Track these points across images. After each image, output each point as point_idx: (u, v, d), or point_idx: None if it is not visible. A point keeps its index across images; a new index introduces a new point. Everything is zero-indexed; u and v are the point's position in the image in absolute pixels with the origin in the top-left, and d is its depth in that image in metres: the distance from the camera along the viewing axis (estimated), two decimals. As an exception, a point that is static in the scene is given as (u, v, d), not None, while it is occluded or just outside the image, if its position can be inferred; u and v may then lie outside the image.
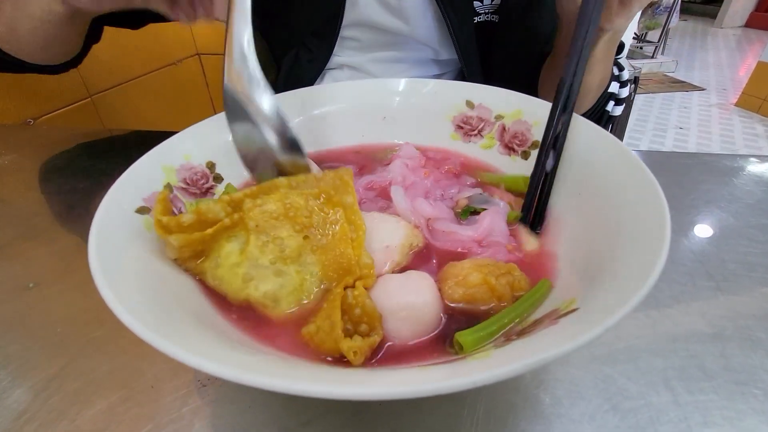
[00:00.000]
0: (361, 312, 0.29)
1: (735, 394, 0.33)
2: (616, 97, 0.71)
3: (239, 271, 0.31)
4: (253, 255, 0.32)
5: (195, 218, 0.32)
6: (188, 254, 0.33)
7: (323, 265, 0.32)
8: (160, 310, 0.27)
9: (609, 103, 0.71)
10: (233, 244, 0.33)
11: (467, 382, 0.19)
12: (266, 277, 0.31)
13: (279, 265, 0.31)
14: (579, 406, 0.32)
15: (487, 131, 0.51)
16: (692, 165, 0.63)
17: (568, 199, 0.39)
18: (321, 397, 0.19)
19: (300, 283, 0.32)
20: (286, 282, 0.31)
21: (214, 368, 0.20)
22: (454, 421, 0.31)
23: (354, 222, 0.34)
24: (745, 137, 2.94)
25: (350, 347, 0.27)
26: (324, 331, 0.28)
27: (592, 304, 0.26)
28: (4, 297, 0.43)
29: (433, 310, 0.31)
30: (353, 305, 0.30)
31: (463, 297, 0.32)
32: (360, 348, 0.27)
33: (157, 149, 0.41)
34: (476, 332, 0.29)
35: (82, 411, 0.32)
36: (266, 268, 0.31)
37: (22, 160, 0.69)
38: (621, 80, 0.71)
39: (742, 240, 0.48)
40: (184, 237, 0.31)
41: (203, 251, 0.33)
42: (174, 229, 0.32)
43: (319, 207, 0.34)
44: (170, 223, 0.31)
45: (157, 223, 0.32)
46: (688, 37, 5.18)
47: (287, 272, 0.31)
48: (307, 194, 0.34)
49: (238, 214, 0.33)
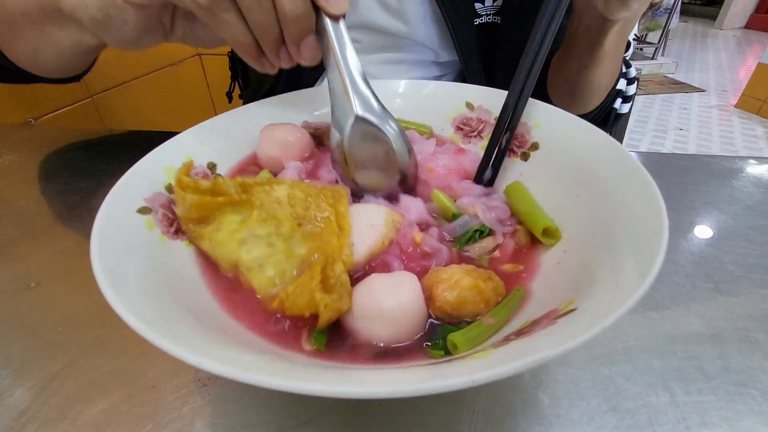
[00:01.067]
0: (336, 283, 0.32)
1: (733, 395, 0.33)
2: (623, 95, 0.70)
3: (236, 236, 0.35)
4: (251, 225, 0.36)
5: (211, 186, 0.36)
6: (195, 215, 0.36)
7: (309, 248, 0.35)
8: (162, 310, 0.27)
9: (616, 101, 0.70)
10: (236, 216, 0.37)
11: (467, 381, 0.19)
12: (258, 244, 0.35)
13: (272, 238, 0.35)
14: (578, 407, 0.33)
15: (487, 132, 0.51)
16: (691, 166, 0.64)
17: (566, 201, 0.40)
18: (322, 396, 0.19)
19: (285, 257, 0.34)
20: (274, 252, 0.34)
21: (215, 367, 0.20)
22: (452, 422, 0.32)
23: (342, 225, 0.37)
24: (745, 139, 2.94)
25: (323, 299, 0.30)
26: (302, 285, 0.31)
27: (591, 304, 0.26)
28: (5, 296, 0.43)
29: (419, 309, 0.32)
30: (331, 276, 0.32)
31: (456, 299, 0.32)
32: (330, 305, 0.30)
33: (158, 150, 0.41)
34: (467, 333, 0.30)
35: (83, 410, 0.33)
36: (260, 238, 0.35)
37: (23, 159, 0.69)
38: (628, 77, 0.70)
39: (741, 241, 0.49)
40: (198, 197, 0.35)
41: (208, 218, 0.37)
42: (190, 189, 0.36)
43: (316, 204, 0.38)
44: (189, 183, 0.36)
45: (177, 181, 0.36)
46: (688, 39, 5.19)
47: (277, 245, 0.35)
48: (307, 191, 0.38)
49: (246, 195, 0.37)
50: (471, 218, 0.40)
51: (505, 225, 0.40)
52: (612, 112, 0.71)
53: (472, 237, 0.39)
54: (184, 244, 0.37)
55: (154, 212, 0.36)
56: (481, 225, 0.39)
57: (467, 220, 0.39)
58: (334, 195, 0.39)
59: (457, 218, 0.40)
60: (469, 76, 0.72)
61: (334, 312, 0.30)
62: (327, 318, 0.30)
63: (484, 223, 0.39)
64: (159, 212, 0.37)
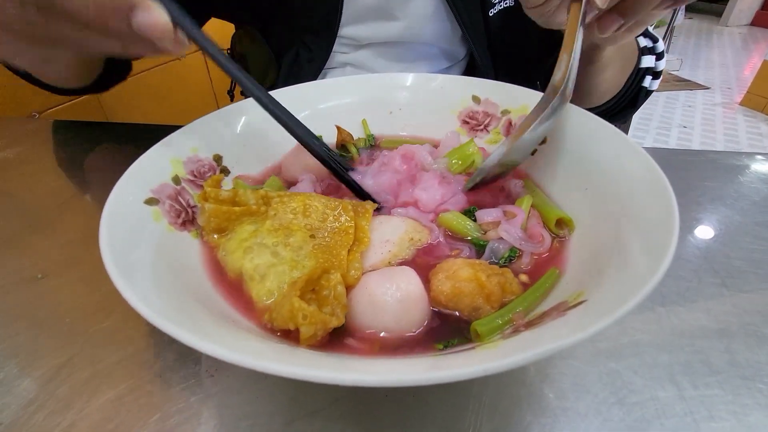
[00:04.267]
0: (329, 295, 0.31)
1: (740, 388, 0.33)
2: (653, 71, 0.65)
3: (244, 244, 0.36)
4: (261, 234, 0.36)
5: (231, 196, 0.37)
6: (214, 225, 0.37)
7: (317, 261, 0.34)
8: (171, 300, 0.27)
9: (646, 78, 0.65)
10: (251, 226, 0.37)
11: (478, 370, 0.19)
12: (263, 253, 0.35)
13: (279, 248, 0.35)
14: (584, 400, 0.32)
15: (493, 126, 0.51)
16: (697, 162, 0.63)
17: (574, 194, 0.39)
18: (332, 383, 0.19)
19: (290, 268, 0.34)
20: (278, 262, 0.34)
21: (225, 354, 0.20)
22: (459, 414, 0.32)
23: (361, 239, 0.37)
24: (749, 137, 2.92)
25: (301, 308, 0.27)
26: (286, 295, 0.30)
27: (600, 296, 0.26)
28: (13, 288, 0.43)
29: (414, 299, 0.31)
30: (324, 286, 0.31)
31: (451, 290, 0.31)
32: (312, 315, 0.27)
33: (164, 141, 0.41)
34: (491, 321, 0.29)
35: (90, 400, 0.33)
36: (267, 247, 0.35)
37: (27, 153, 0.69)
38: (656, 52, 0.64)
39: (748, 237, 0.48)
40: (215, 206, 0.36)
41: (226, 228, 0.38)
42: (211, 199, 0.37)
43: (334, 216, 0.38)
44: (211, 193, 0.37)
45: (201, 193, 0.38)
46: (693, 36, 5.15)
47: (283, 255, 0.35)
48: (327, 204, 0.38)
49: (265, 207, 0.38)
50: (498, 243, 0.37)
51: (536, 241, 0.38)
52: (642, 91, 0.66)
53: (507, 260, 0.37)
54: (191, 235, 0.37)
55: (161, 203, 0.36)
56: (511, 249, 0.37)
57: (495, 246, 0.37)
58: (356, 209, 0.39)
59: (485, 247, 0.38)
60: (482, 64, 0.71)
61: (319, 325, 0.27)
62: (309, 333, 0.27)
63: (513, 245, 0.37)
64: (166, 203, 0.37)
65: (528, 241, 0.37)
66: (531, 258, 0.37)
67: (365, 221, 0.38)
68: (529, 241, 0.37)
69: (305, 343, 0.27)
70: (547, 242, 0.37)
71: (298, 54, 0.74)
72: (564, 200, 0.39)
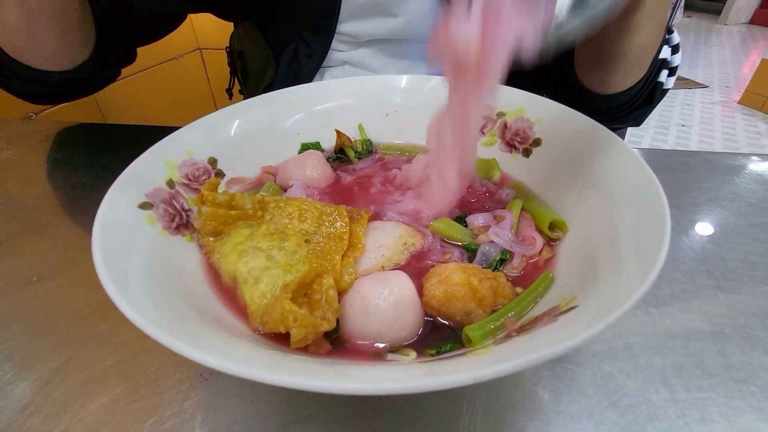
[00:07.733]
0: (321, 299, 0.30)
1: (733, 391, 0.33)
2: (668, 65, 0.58)
3: (239, 248, 0.36)
4: (256, 238, 0.36)
5: (228, 199, 0.37)
6: (210, 228, 0.37)
7: (310, 265, 0.34)
8: (165, 306, 0.27)
9: (661, 73, 0.59)
10: (247, 230, 0.37)
11: (469, 378, 0.19)
12: (257, 256, 0.35)
13: (274, 251, 0.35)
14: (578, 403, 0.33)
15: (489, 128, 0.51)
16: (694, 163, 0.63)
17: (567, 197, 0.40)
18: (325, 392, 0.19)
19: (284, 272, 0.34)
20: (272, 266, 0.34)
21: (218, 363, 0.20)
22: (453, 417, 0.32)
23: (355, 245, 0.37)
24: (747, 135, 2.92)
25: (292, 311, 0.27)
26: (278, 297, 0.30)
27: (592, 301, 0.26)
28: (8, 291, 0.43)
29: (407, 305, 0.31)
30: (316, 290, 0.31)
31: (444, 294, 0.31)
32: (303, 318, 0.27)
33: (159, 145, 0.41)
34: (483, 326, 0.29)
35: (85, 404, 0.33)
36: (261, 251, 0.35)
37: (23, 154, 0.69)
38: (671, 44, 0.58)
39: (743, 239, 0.49)
40: (212, 210, 0.36)
41: (222, 231, 0.38)
42: (208, 202, 0.37)
43: (330, 222, 0.38)
44: (207, 196, 0.37)
45: (198, 196, 0.38)
46: (692, 34, 5.14)
47: (277, 259, 0.35)
48: (322, 210, 0.39)
49: (261, 211, 0.38)
50: (489, 246, 0.38)
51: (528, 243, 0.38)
52: (657, 87, 0.59)
53: (498, 263, 0.37)
54: (185, 239, 0.37)
55: (155, 207, 0.36)
56: (502, 252, 0.37)
57: (486, 249, 0.37)
58: (352, 215, 0.39)
59: (476, 251, 0.38)
60: None
61: (309, 329, 0.27)
62: (300, 336, 0.27)
63: (504, 248, 0.37)
64: (160, 207, 0.37)
65: (519, 244, 0.37)
66: (522, 260, 0.37)
67: (360, 227, 0.38)
68: (519, 243, 0.37)
69: (295, 345, 0.28)
70: (538, 244, 0.37)
71: (296, 51, 0.74)
72: (557, 204, 0.39)
